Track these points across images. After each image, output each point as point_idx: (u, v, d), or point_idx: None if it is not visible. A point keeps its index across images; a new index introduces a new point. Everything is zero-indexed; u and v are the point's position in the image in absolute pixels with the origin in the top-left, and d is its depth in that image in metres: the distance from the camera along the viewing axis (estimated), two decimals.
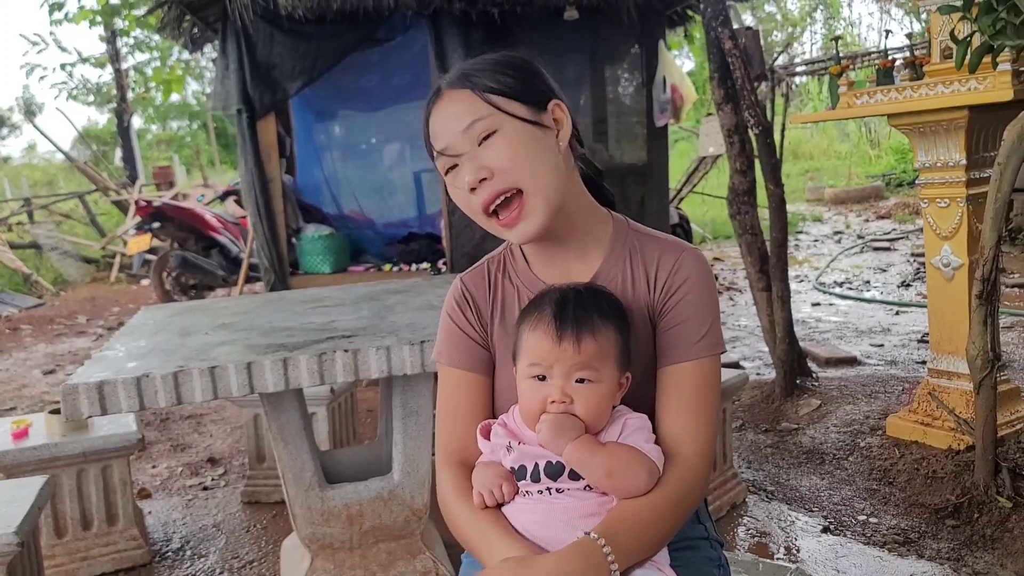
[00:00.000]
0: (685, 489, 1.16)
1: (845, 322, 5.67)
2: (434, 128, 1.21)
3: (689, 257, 1.24)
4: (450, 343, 1.31)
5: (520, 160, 1.16)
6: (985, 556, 2.47)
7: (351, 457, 2.68)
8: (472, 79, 1.19)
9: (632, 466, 1.12)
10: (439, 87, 1.23)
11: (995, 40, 2.65)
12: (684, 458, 1.17)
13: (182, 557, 2.90)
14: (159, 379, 1.89)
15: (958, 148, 3.09)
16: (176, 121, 25.26)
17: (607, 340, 1.15)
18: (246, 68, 5.04)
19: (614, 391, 1.17)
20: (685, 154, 14.90)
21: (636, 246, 1.27)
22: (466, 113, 1.17)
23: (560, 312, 1.15)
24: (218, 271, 7.96)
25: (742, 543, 2.71)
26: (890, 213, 11.05)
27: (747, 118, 3.91)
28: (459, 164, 1.19)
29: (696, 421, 1.19)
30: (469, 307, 1.30)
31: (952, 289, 3.23)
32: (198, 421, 4.55)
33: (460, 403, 1.29)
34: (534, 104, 1.20)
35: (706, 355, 1.21)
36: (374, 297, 2.74)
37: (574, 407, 1.14)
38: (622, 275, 1.25)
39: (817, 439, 3.49)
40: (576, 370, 1.14)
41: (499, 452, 1.20)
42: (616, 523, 1.11)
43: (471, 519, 1.19)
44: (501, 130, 1.17)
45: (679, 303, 1.22)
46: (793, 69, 11.58)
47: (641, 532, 1.12)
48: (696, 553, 1.31)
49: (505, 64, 1.21)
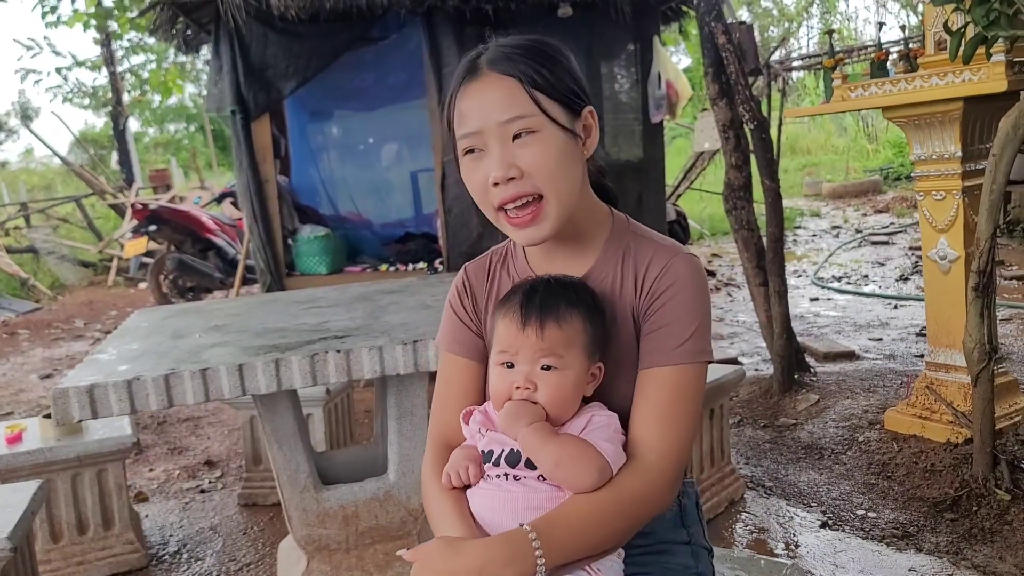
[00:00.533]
0: (640, 495, 1.13)
1: (843, 316, 5.66)
2: (465, 107, 1.16)
3: (680, 261, 1.21)
4: (449, 330, 1.33)
5: (552, 168, 1.15)
6: (984, 549, 2.46)
7: (346, 458, 2.67)
8: (520, 68, 1.14)
9: (582, 460, 1.11)
10: (477, 64, 1.17)
11: (989, 31, 2.63)
12: (646, 464, 1.14)
13: (179, 560, 2.88)
14: (150, 382, 1.87)
15: (953, 140, 3.08)
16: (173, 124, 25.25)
17: (572, 328, 1.15)
18: (239, 69, 5.03)
19: (582, 380, 1.16)
20: (682, 150, 14.89)
21: (631, 247, 1.25)
22: (509, 105, 1.14)
23: (527, 300, 1.17)
24: (215, 273, 7.95)
25: (740, 539, 2.70)
26: (888, 207, 11.04)
27: (742, 113, 3.90)
28: (485, 151, 1.16)
29: (666, 428, 1.15)
30: (468, 296, 1.32)
31: (949, 282, 3.22)
32: (195, 424, 4.54)
33: (453, 388, 1.31)
34: (571, 109, 1.18)
35: (686, 361, 1.17)
36: (368, 297, 2.73)
37: (537, 394, 1.14)
38: (612, 275, 1.24)
39: (815, 434, 3.48)
40: (540, 356, 1.14)
41: (475, 437, 1.22)
42: (556, 519, 1.09)
43: (435, 497, 1.21)
44: (540, 132, 1.14)
45: (663, 307, 1.19)
46: (789, 64, 11.56)
47: (580, 531, 1.09)
48: (670, 559, 1.28)
49: (549, 57, 1.18)
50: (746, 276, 4.11)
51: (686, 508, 1.33)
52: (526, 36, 1.20)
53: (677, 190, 9.31)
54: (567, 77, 1.18)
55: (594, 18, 5.24)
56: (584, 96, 1.20)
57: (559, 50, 1.20)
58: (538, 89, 1.14)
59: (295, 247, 5.48)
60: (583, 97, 1.20)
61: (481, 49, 1.19)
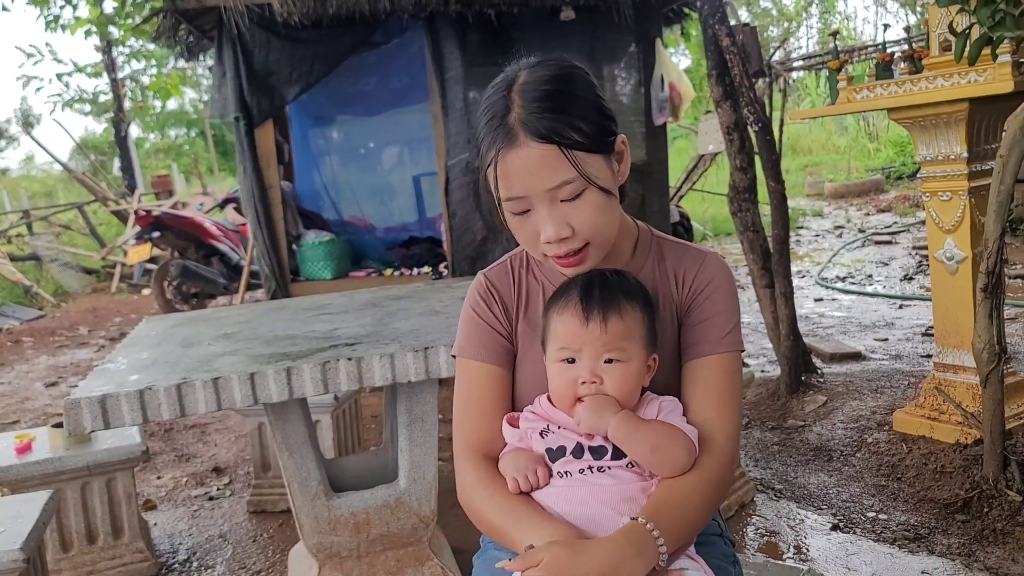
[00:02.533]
0: (720, 473, 1.19)
1: (848, 317, 5.65)
2: (508, 173, 1.13)
3: (713, 260, 1.29)
4: (474, 337, 1.31)
5: (600, 223, 1.17)
6: (996, 551, 2.45)
7: (356, 465, 2.67)
8: (557, 130, 1.11)
9: (675, 442, 1.15)
10: (510, 126, 1.12)
11: (994, 31, 2.63)
12: (717, 444, 1.20)
13: (189, 568, 2.88)
14: (162, 391, 1.87)
15: (959, 141, 3.07)
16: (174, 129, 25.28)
17: (634, 320, 1.18)
18: (243, 75, 5.03)
19: (643, 371, 1.19)
20: (684, 152, 14.88)
21: (662, 252, 1.31)
22: (553, 173, 1.12)
23: (586, 295, 1.18)
24: (219, 279, 7.95)
25: (752, 543, 2.70)
26: (890, 206, 11.03)
27: (746, 115, 3.89)
28: (533, 211, 1.16)
29: (725, 410, 1.22)
30: (495, 301, 1.31)
31: (956, 282, 3.22)
32: (202, 431, 4.54)
33: (483, 396, 1.29)
34: (607, 149, 1.17)
35: (733, 349, 1.25)
36: (376, 303, 2.73)
37: (604, 387, 1.16)
38: (651, 276, 1.29)
39: (824, 436, 3.48)
40: (604, 350, 1.16)
41: (530, 438, 1.21)
42: (661, 506, 1.13)
43: (502, 506, 1.18)
44: (586, 191, 1.14)
45: (706, 300, 1.26)
46: (790, 64, 11.55)
47: (685, 515, 1.13)
48: (713, 548, 1.32)
49: (580, 100, 1.14)
50: (752, 278, 4.10)
51: None
52: (548, 72, 1.15)
53: (679, 191, 9.31)
54: (597, 116, 1.16)
55: (596, 21, 5.24)
56: (614, 124, 1.19)
57: (585, 82, 1.17)
58: (578, 148, 1.12)
59: (299, 252, 5.48)
60: (613, 128, 1.18)
61: (509, 101, 1.13)
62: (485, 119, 1.15)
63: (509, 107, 1.13)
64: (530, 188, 1.13)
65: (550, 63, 1.17)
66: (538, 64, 1.17)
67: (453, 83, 4.95)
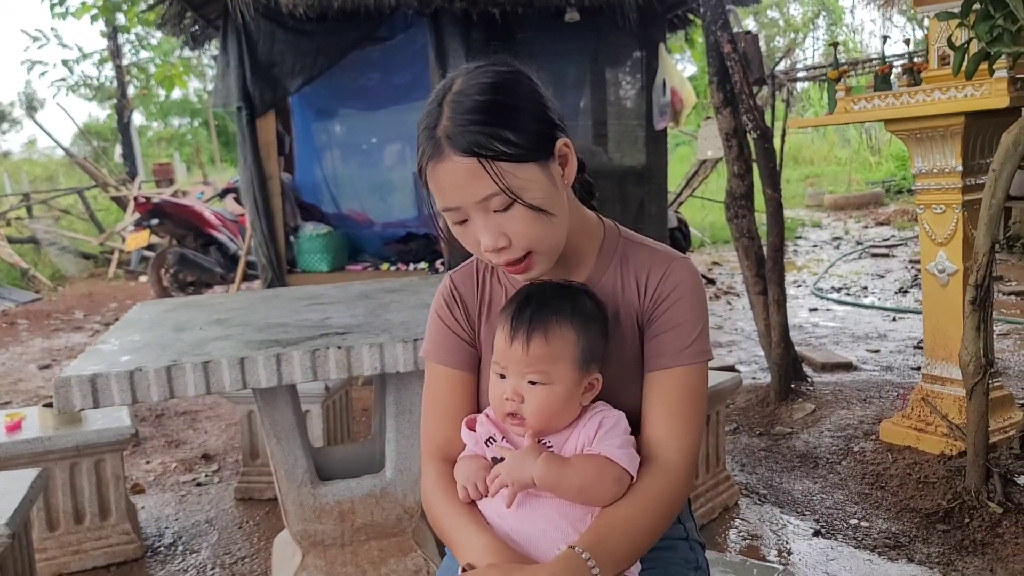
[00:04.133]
0: (670, 495, 1.17)
1: (842, 327, 5.67)
2: (439, 185, 1.12)
3: (679, 266, 1.24)
4: (438, 341, 1.31)
5: (536, 233, 1.14)
6: (975, 561, 2.47)
7: (344, 455, 2.68)
8: (479, 142, 1.08)
9: (601, 479, 1.12)
10: (437, 139, 1.10)
11: (992, 47, 2.65)
12: (670, 463, 1.17)
13: (174, 552, 2.90)
14: (152, 373, 1.89)
15: (954, 154, 3.10)
16: (177, 118, 25.30)
17: (562, 342, 1.15)
18: (246, 65, 5.05)
19: (572, 393, 1.16)
20: (685, 158, 14.91)
21: (626, 255, 1.27)
22: (478, 187, 1.09)
23: (517, 313, 1.17)
24: (216, 268, 7.97)
25: (733, 545, 2.72)
26: (889, 220, 11.06)
27: (745, 122, 3.92)
28: (470, 220, 1.14)
29: (681, 426, 1.19)
30: (457, 306, 1.30)
31: (947, 295, 3.24)
32: (193, 417, 4.55)
33: (446, 399, 1.30)
34: (544, 156, 1.13)
35: (693, 362, 1.21)
36: (369, 295, 2.75)
37: (524, 407, 1.15)
38: (612, 282, 1.25)
39: (811, 443, 3.50)
40: (527, 371, 1.15)
41: (481, 444, 1.22)
42: (602, 534, 1.11)
43: (451, 512, 1.20)
44: (519, 198, 1.11)
45: (668, 310, 1.21)
46: (794, 75, 11.58)
47: (626, 542, 1.12)
48: (673, 554, 1.31)
49: (509, 109, 1.11)
50: (746, 284, 4.13)
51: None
52: (482, 80, 1.12)
53: (679, 197, 9.33)
54: (532, 123, 1.12)
55: (600, 24, 5.27)
56: (555, 129, 1.15)
57: (521, 89, 1.14)
58: (504, 160, 1.09)
59: (297, 244, 5.50)
60: (554, 133, 1.15)
61: (439, 111, 1.11)
62: (420, 128, 1.13)
63: (439, 118, 1.11)
64: (461, 200, 1.11)
65: (487, 69, 1.14)
66: (476, 70, 1.14)
67: None
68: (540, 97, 1.16)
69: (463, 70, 1.16)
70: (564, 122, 1.18)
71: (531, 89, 1.15)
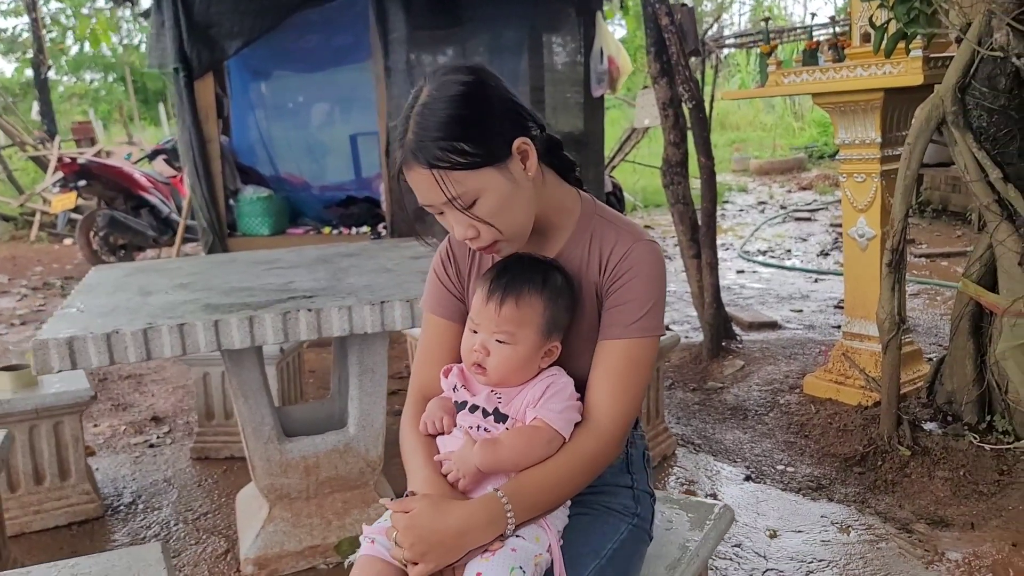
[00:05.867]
0: (593, 454, 1.30)
1: (767, 289, 5.97)
2: (413, 187, 1.25)
3: (641, 247, 1.34)
4: (433, 293, 1.47)
5: (500, 220, 1.26)
6: (886, 498, 2.74)
7: (304, 413, 2.79)
8: (437, 156, 1.19)
9: (532, 446, 1.27)
10: (405, 148, 1.22)
11: (909, 28, 2.87)
12: (599, 426, 1.30)
13: (135, 511, 2.97)
14: (129, 335, 1.96)
15: (874, 127, 3.32)
16: (90, 73, 24.26)
17: (530, 309, 1.28)
18: (183, 26, 4.98)
19: (532, 355, 1.30)
20: (616, 122, 15.10)
21: (598, 230, 1.37)
22: (440, 191, 1.22)
23: (496, 278, 1.31)
24: (148, 231, 7.84)
25: (672, 490, 2.93)
26: (811, 184, 11.49)
27: (681, 92, 4.09)
28: (444, 213, 1.27)
29: (618, 395, 1.31)
30: (451, 264, 1.45)
31: (866, 258, 3.49)
32: (138, 381, 4.56)
33: (433, 346, 1.46)
34: (501, 158, 1.23)
35: (640, 336, 1.31)
36: (327, 260, 2.83)
37: (488, 360, 1.30)
38: (580, 256, 1.38)
39: (741, 397, 3.74)
40: (495, 330, 1.29)
41: (451, 390, 1.37)
42: (522, 483, 1.26)
43: (412, 444, 1.37)
44: (481, 197, 1.23)
45: (623, 286, 1.32)
46: (723, 42, 11.85)
47: (542, 493, 1.27)
48: (612, 499, 1.44)
49: (468, 123, 1.21)
50: (680, 248, 4.33)
51: (632, 456, 1.49)
52: (445, 93, 1.22)
53: (612, 162, 9.51)
54: (492, 131, 1.23)
55: None
56: (518, 130, 1.25)
57: (482, 101, 1.23)
58: (460, 168, 1.20)
59: (237, 207, 5.48)
60: (513, 134, 1.24)
61: (408, 123, 1.22)
62: (395, 135, 1.26)
63: (406, 130, 1.22)
64: (431, 201, 1.24)
65: (451, 80, 1.23)
66: (441, 82, 1.23)
67: (397, 44, 5.00)
68: (504, 103, 1.26)
69: (431, 78, 1.25)
70: (534, 118, 1.29)
71: (495, 97, 1.25)
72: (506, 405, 1.31)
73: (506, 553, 1.21)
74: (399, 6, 4.94)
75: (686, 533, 1.62)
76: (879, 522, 2.60)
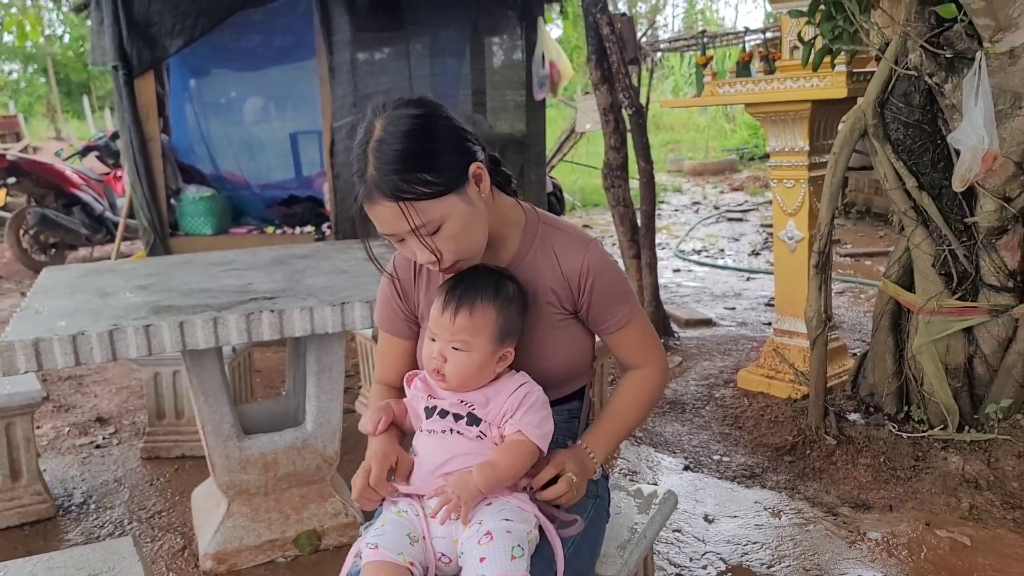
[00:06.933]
0: (658, 383, 1.60)
1: (702, 287, 6.20)
2: (375, 219, 1.31)
3: (591, 251, 1.47)
4: (382, 311, 1.60)
5: (462, 243, 1.35)
6: (814, 485, 2.93)
7: (260, 412, 2.85)
8: (400, 188, 1.26)
9: (521, 459, 1.38)
10: (366, 183, 1.27)
11: (833, 44, 3.07)
12: (651, 370, 1.58)
13: (87, 510, 2.98)
14: (95, 336, 2.01)
15: (802, 136, 3.53)
16: (8, 64, 23.43)
17: (483, 318, 1.37)
18: (122, 23, 4.95)
19: (487, 361, 1.40)
20: (555, 122, 15.29)
21: (546, 237, 1.49)
22: (403, 221, 1.28)
23: (451, 290, 1.41)
24: (81, 229, 7.70)
25: (619, 479, 3.07)
26: (743, 186, 11.86)
27: (621, 99, 4.25)
28: (406, 241, 1.34)
29: (647, 350, 1.57)
30: (396, 287, 1.56)
31: (795, 259, 3.70)
32: (79, 382, 4.52)
33: (388, 354, 1.61)
34: (460, 184, 1.31)
35: (633, 314, 1.52)
36: (282, 261, 2.89)
37: (445, 366, 1.40)
38: (533, 263, 1.49)
39: (679, 391, 3.92)
40: (451, 339, 1.39)
41: (416, 398, 1.47)
42: (608, 436, 1.55)
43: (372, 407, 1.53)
44: (444, 223, 1.31)
45: (595, 290, 1.47)
46: (658, 46, 12.15)
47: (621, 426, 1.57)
48: None
49: (426, 156, 1.27)
50: (620, 248, 4.50)
51: None
52: (400, 128, 1.28)
53: (551, 162, 9.68)
54: (448, 160, 1.30)
55: None
56: (469, 157, 1.33)
57: (434, 133, 1.30)
58: (423, 198, 1.27)
59: (179, 207, 5.45)
60: (469, 161, 1.33)
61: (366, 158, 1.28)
62: (353, 169, 1.31)
63: (366, 165, 1.28)
64: (394, 231, 1.32)
65: (403, 115, 1.29)
66: (394, 116, 1.29)
67: (341, 46, 5.04)
68: (455, 131, 1.34)
69: (382, 111, 1.32)
70: (478, 141, 1.39)
71: (445, 127, 1.33)
72: (479, 409, 1.41)
73: (503, 536, 1.30)
74: (343, 8, 4.99)
75: (634, 517, 1.76)
76: (807, 506, 2.79)
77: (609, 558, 1.60)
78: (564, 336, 1.51)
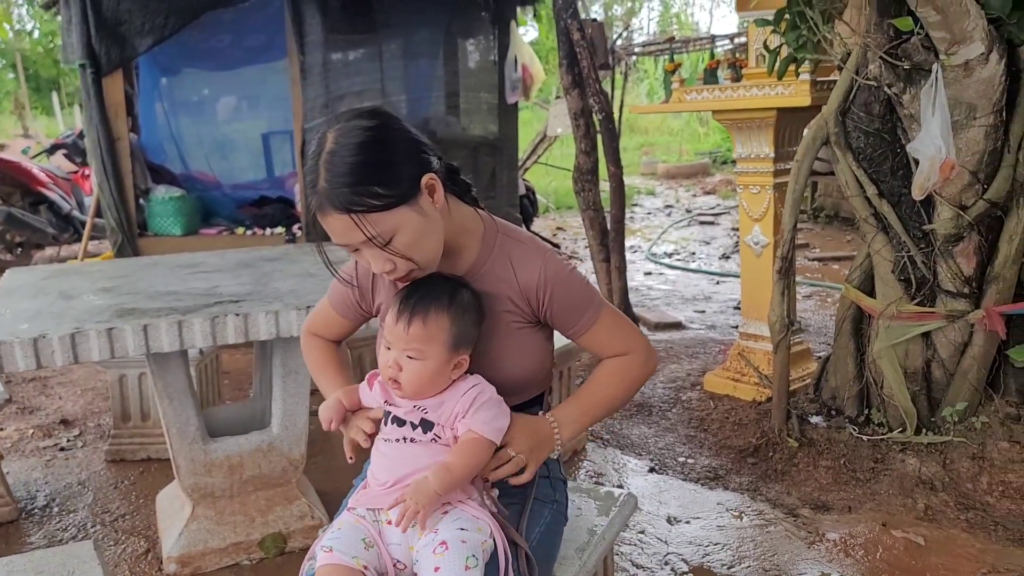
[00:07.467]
0: (644, 364, 1.59)
1: (673, 290, 6.25)
2: (328, 230, 1.31)
3: (547, 262, 1.48)
4: (334, 291, 1.63)
5: (416, 253, 1.35)
6: (776, 486, 2.98)
7: (226, 414, 2.84)
8: (351, 200, 1.26)
9: (476, 457, 1.40)
10: (318, 194, 1.27)
11: (798, 53, 3.13)
12: (635, 356, 1.57)
13: (50, 513, 2.96)
14: (56, 340, 2.00)
15: (768, 143, 3.58)
16: None
17: (437, 327, 1.37)
18: (90, 21, 4.91)
19: (442, 369, 1.41)
20: (528, 124, 15.34)
21: (505, 247, 1.50)
22: (356, 233, 1.28)
23: (405, 299, 1.41)
24: (48, 229, 7.61)
25: (582, 482, 3.10)
26: (715, 189, 11.98)
27: (592, 104, 4.29)
28: (360, 251, 1.35)
29: (623, 341, 1.57)
30: (354, 284, 1.58)
31: (761, 264, 3.75)
32: (44, 384, 4.47)
33: (331, 322, 1.67)
34: (412, 195, 1.31)
35: (598, 313, 1.52)
36: (249, 264, 2.89)
37: (401, 375, 1.41)
38: (492, 272, 1.50)
39: (646, 394, 3.96)
40: (405, 348, 1.40)
41: (376, 401, 1.49)
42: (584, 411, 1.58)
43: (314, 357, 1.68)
44: (397, 234, 1.31)
45: (556, 299, 1.48)
46: (632, 49, 12.24)
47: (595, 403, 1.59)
48: (533, 489, 1.59)
49: (378, 168, 1.27)
50: (591, 252, 4.53)
51: None
52: (352, 140, 1.28)
53: (524, 164, 9.71)
54: (400, 171, 1.30)
55: None
56: (423, 167, 1.33)
57: (387, 144, 1.30)
58: (374, 210, 1.27)
59: (148, 207, 5.41)
60: (420, 171, 1.32)
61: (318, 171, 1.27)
62: (305, 180, 1.31)
63: (317, 178, 1.28)
64: (348, 242, 1.31)
65: (355, 127, 1.29)
66: (346, 128, 1.29)
67: (313, 47, 5.03)
68: (408, 143, 1.33)
69: (335, 123, 1.32)
70: (433, 151, 1.39)
71: (398, 139, 1.32)
72: (431, 413, 1.43)
73: (458, 545, 1.31)
74: (315, 9, 4.99)
75: (594, 519, 1.78)
76: (769, 508, 2.84)
77: (568, 560, 1.63)
78: (522, 343, 1.52)
